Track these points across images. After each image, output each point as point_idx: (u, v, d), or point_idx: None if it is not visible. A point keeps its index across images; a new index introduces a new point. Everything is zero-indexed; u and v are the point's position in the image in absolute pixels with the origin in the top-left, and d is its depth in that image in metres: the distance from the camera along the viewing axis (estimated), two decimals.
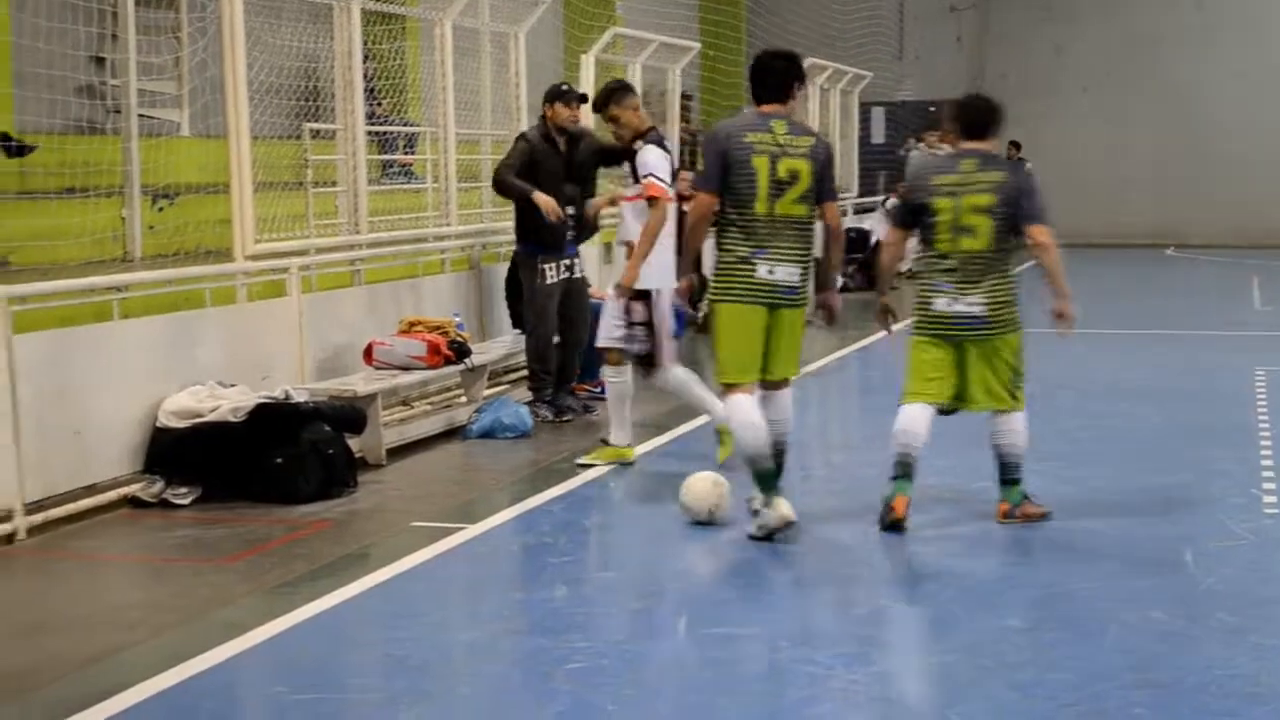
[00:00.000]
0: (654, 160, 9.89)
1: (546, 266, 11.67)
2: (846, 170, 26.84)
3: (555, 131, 11.72)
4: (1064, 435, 11.17)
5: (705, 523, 8.38)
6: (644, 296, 9.80)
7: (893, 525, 8.19)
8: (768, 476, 8.05)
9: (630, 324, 9.80)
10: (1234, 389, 13.34)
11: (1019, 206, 8.34)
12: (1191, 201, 32.80)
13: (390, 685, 6.14)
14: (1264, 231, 31.59)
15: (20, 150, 11.65)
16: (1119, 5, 33.99)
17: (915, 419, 8.41)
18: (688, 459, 10.59)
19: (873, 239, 24.04)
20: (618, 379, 10.12)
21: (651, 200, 9.82)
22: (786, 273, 8.11)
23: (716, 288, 8.17)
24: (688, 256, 8.55)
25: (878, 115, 32.24)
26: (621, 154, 12.99)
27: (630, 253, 9.88)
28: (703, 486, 8.48)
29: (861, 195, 27.26)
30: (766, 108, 8.24)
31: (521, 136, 12.06)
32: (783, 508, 8.01)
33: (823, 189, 8.27)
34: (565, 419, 11.77)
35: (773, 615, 6.94)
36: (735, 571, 7.78)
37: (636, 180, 10.01)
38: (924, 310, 8.51)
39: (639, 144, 10.10)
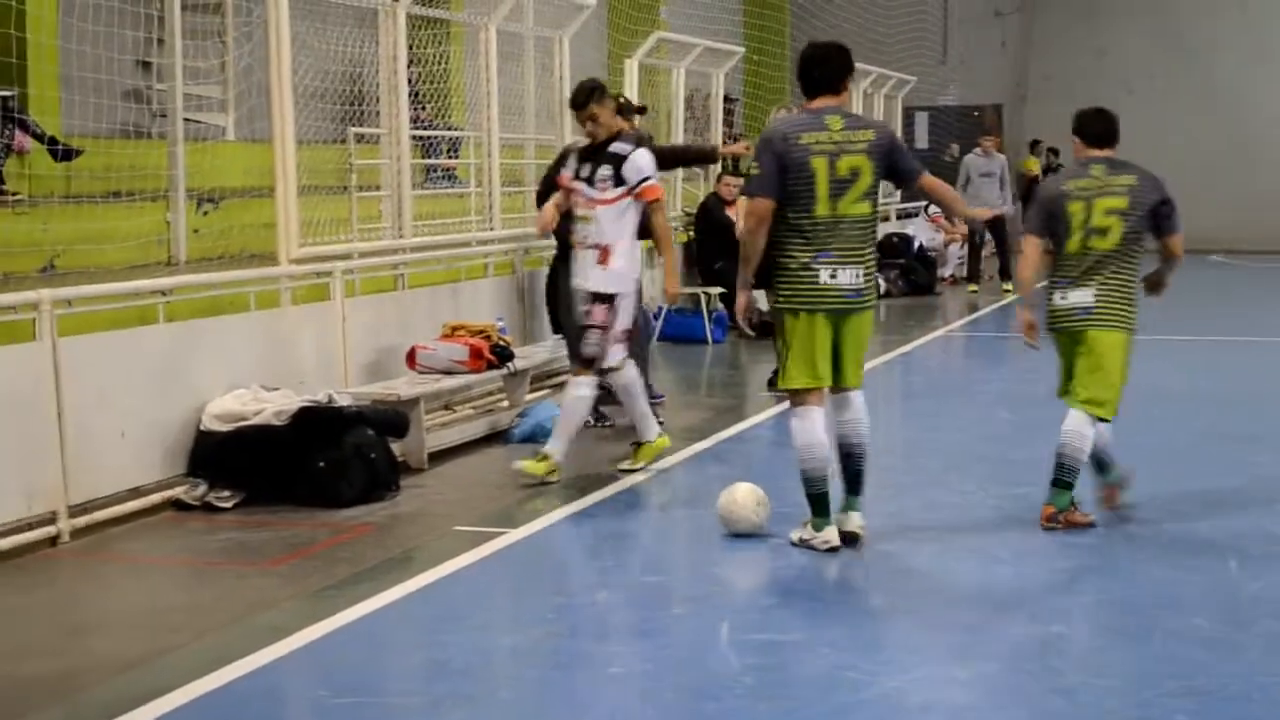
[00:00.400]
0: (647, 163, 9.90)
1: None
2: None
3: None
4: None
5: (745, 534, 8.32)
6: (608, 300, 9.79)
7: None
8: (822, 500, 7.95)
9: (587, 327, 9.77)
10: None
11: (1154, 213, 8.67)
12: (1239, 206, 32.61)
13: (432, 689, 6.17)
14: None
15: (67, 154, 11.69)
16: (1163, 8, 33.88)
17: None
18: (728, 462, 10.65)
19: (915, 244, 24.00)
20: (625, 378, 10.03)
21: (654, 203, 9.88)
22: (850, 275, 7.87)
23: (780, 295, 7.97)
24: (748, 266, 8.08)
25: (921, 120, 32.18)
26: (691, 156, 13.14)
27: (602, 257, 9.82)
28: (746, 501, 8.37)
29: (904, 201, 27.18)
30: (819, 102, 7.99)
31: (568, 150, 12.05)
32: (831, 534, 7.92)
33: (901, 173, 8.15)
34: (607, 424, 11.76)
35: (815, 621, 6.94)
36: (777, 577, 7.78)
37: (618, 183, 9.94)
38: (1050, 309, 8.65)
39: (619, 145, 10.05)
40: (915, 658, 6.44)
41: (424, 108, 14.07)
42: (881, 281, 22.38)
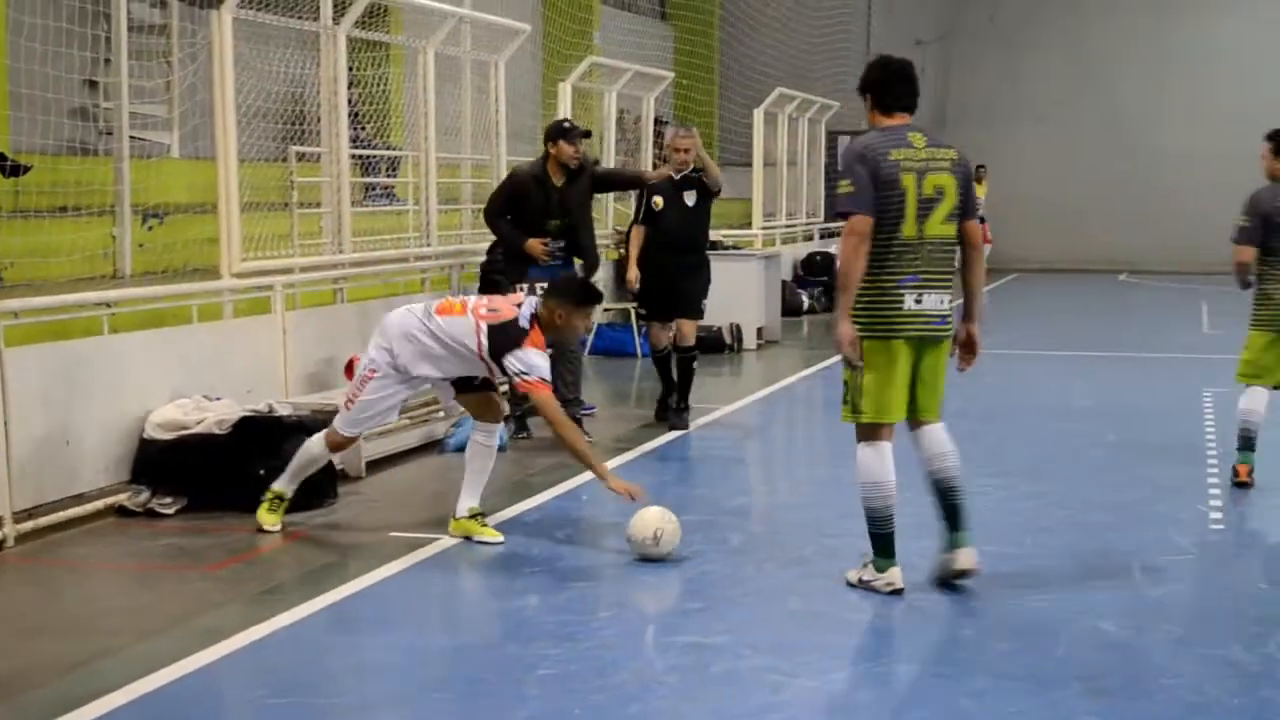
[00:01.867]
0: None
1: (520, 287, 11.84)
2: (814, 197, 27.20)
3: (555, 167, 11.88)
4: (1022, 452, 11.51)
5: (652, 557, 8.27)
6: None
7: (1239, 485, 10.02)
8: (888, 541, 7.55)
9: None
10: (1183, 409, 13.68)
11: None
12: (1144, 228, 33.23)
13: (366, 690, 6.30)
14: (1213, 258, 31.97)
15: (15, 170, 11.81)
16: (1073, 40, 34.44)
17: (1258, 398, 10.03)
18: (656, 473, 10.86)
19: (837, 263, 24.36)
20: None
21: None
22: (935, 300, 7.41)
23: (857, 322, 7.39)
24: (849, 292, 7.38)
25: (844, 144, 32.54)
26: (622, 181, 13.18)
27: None
28: (650, 515, 8.36)
29: (827, 221, 27.60)
30: (897, 119, 7.56)
31: (512, 174, 12.24)
32: (896, 575, 7.53)
33: (967, 206, 7.52)
34: (521, 435, 11.99)
35: (736, 624, 7.09)
36: (703, 582, 7.92)
37: None
38: (1265, 304, 9.74)
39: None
40: (834, 659, 6.63)
41: (364, 127, 14.20)
42: (804, 298, 22.76)
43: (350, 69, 12.56)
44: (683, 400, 12.68)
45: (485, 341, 8.46)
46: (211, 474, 9.30)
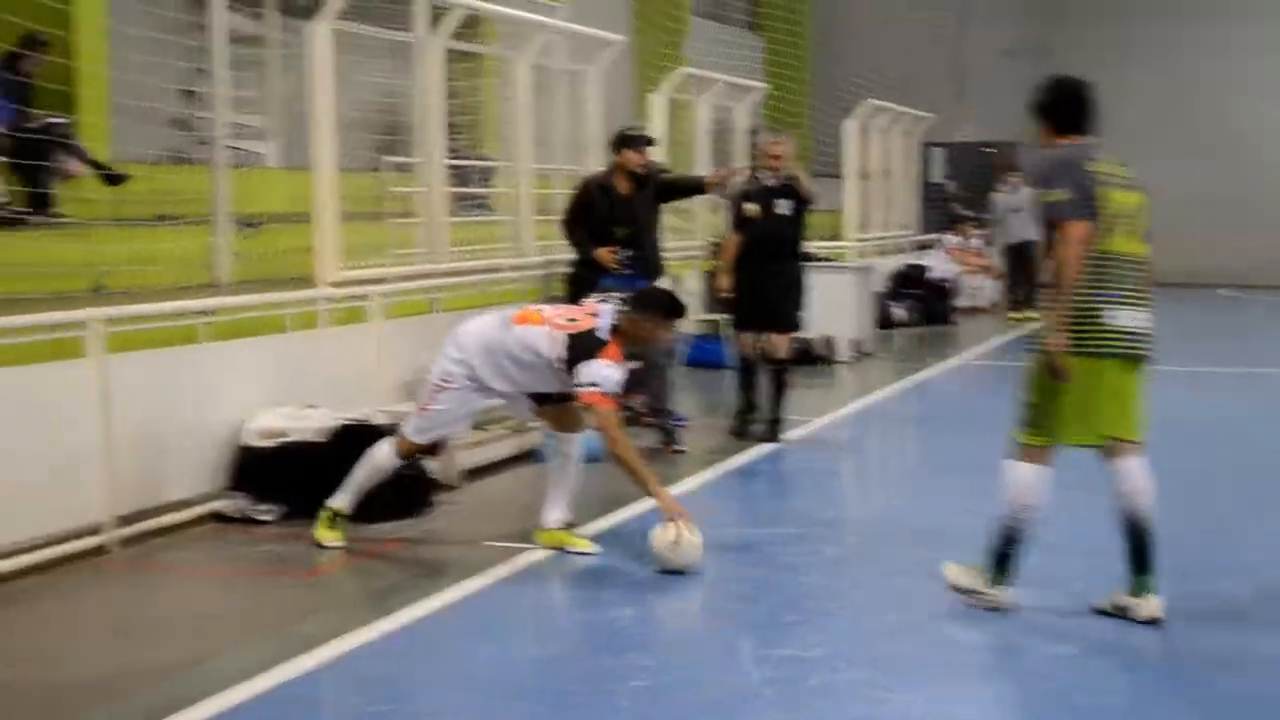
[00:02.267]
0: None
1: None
2: (907, 209, 27.12)
3: (622, 175, 11.95)
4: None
5: (670, 568, 8.26)
6: None
7: None
8: (1012, 563, 7.41)
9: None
10: None
11: None
12: (1248, 243, 32.83)
13: (459, 700, 6.31)
14: None
15: (116, 179, 11.97)
16: (1175, 48, 34.06)
17: None
18: (749, 484, 10.85)
19: (930, 275, 24.38)
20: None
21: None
22: (1144, 318, 7.22)
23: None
24: (1064, 304, 7.10)
25: (937, 155, 32.43)
26: (684, 187, 13.05)
27: None
28: (674, 526, 8.32)
29: (920, 233, 27.58)
30: (1081, 138, 7.49)
31: (583, 183, 12.30)
32: (1007, 597, 7.42)
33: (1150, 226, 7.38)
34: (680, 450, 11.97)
35: (833, 638, 7.08)
36: (799, 594, 7.92)
37: None
38: None
39: None
40: (930, 674, 6.57)
41: (458, 138, 14.26)
42: (898, 311, 22.68)
43: (446, 80, 12.56)
44: (777, 412, 12.60)
45: (563, 351, 8.42)
46: (309, 482, 9.27)
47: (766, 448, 12.18)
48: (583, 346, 8.39)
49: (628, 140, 11.92)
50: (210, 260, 11.75)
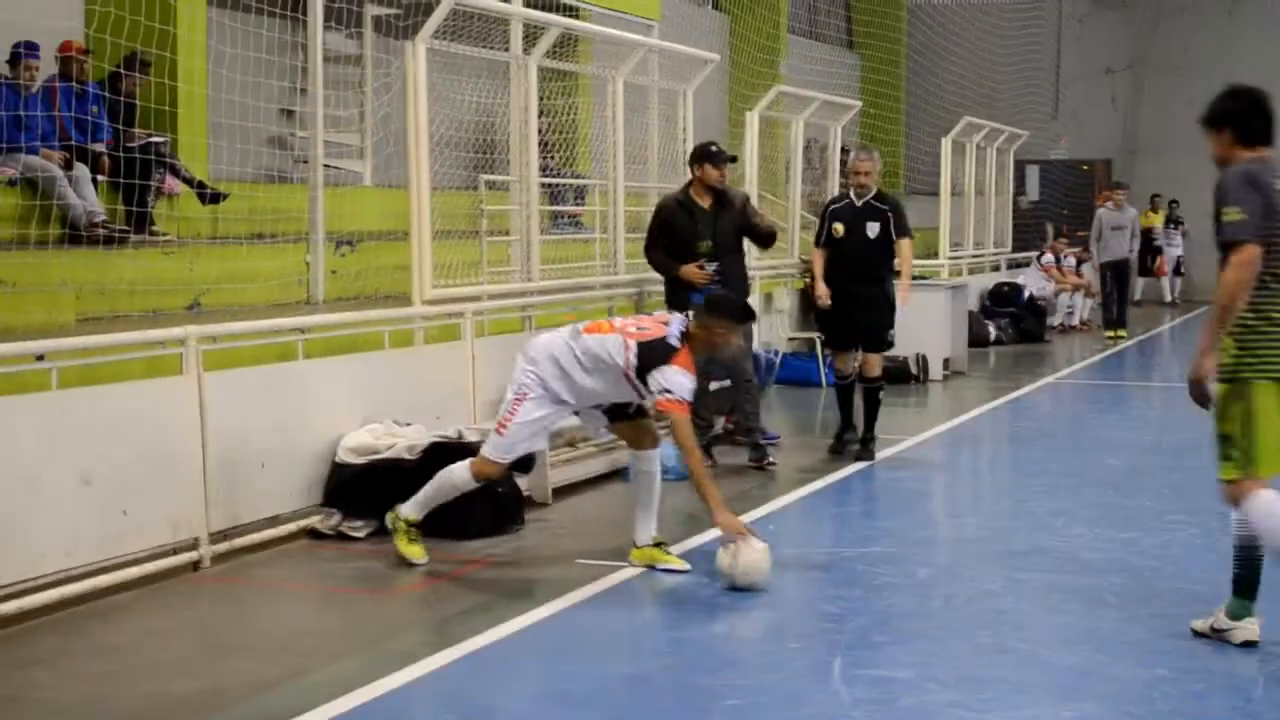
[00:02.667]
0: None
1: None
2: (1001, 226, 26.99)
3: (701, 190, 11.95)
4: (1215, 488, 11.20)
5: (734, 584, 8.30)
6: None
7: None
8: (1251, 591, 7.15)
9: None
10: None
11: None
12: None
13: (554, 717, 6.31)
14: None
15: (215, 198, 12.10)
16: (1271, 67, 33.66)
17: None
18: (841, 504, 10.83)
19: (1025, 293, 24.25)
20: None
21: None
22: None
23: (1243, 361, 6.92)
24: (1226, 324, 6.89)
25: (1032, 173, 32.28)
26: (758, 234, 12.57)
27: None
28: (724, 553, 8.36)
29: (1015, 250, 27.45)
30: (1262, 152, 7.15)
31: (658, 206, 12.31)
32: (1253, 630, 7.13)
33: None
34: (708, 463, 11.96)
35: (923, 659, 7.02)
36: (890, 614, 7.87)
37: None
38: None
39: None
40: (1021, 696, 6.52)
41: (552, 156, 14.31)
42: (991, 329, 22.56)
43: (540, 98, 12.67)
44: (869, 431, 12.61)
45: (634, 359, 8.45)
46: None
47: (859, 466, 12.15)
48: (655, 353, 8.44)
49: (709, 156, 11.93)
50: (306, 278, 11.85)
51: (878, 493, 11.69)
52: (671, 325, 8.62)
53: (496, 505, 9.56)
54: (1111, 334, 24.28)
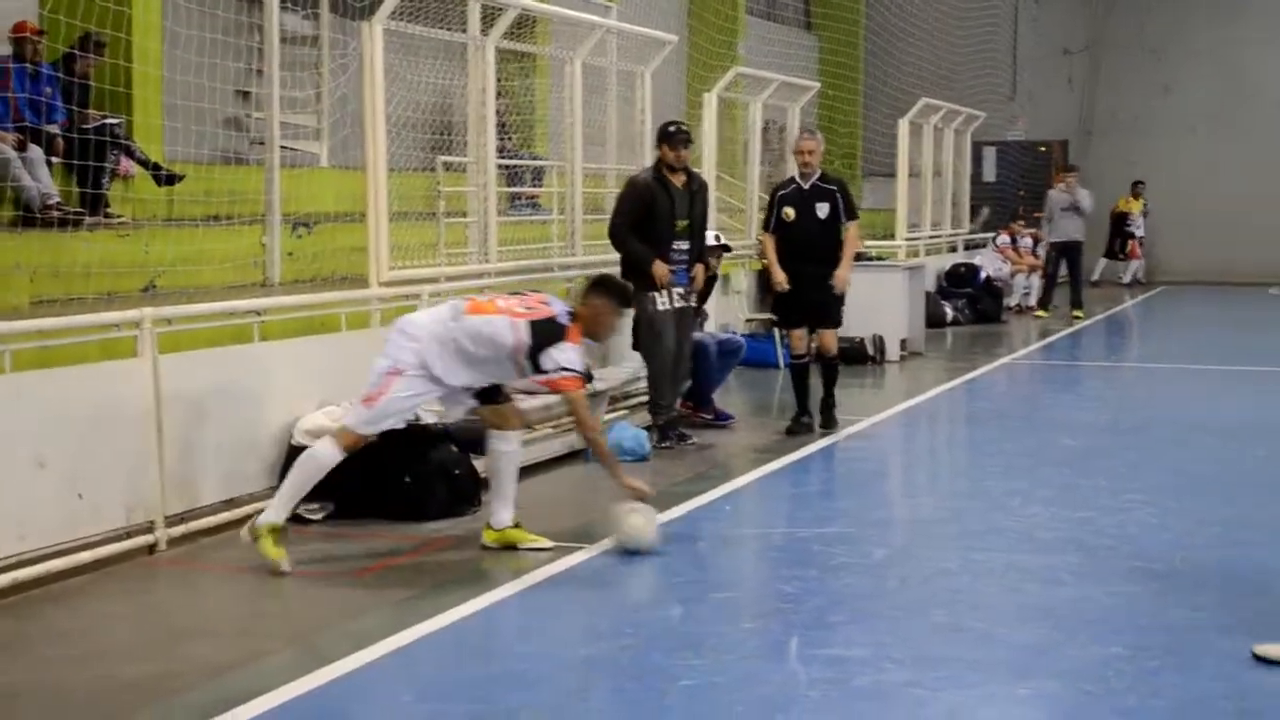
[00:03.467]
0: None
1: (656, 294, 11.94)
2: (959, 208, 27.10)
3: (667, 169, 12.01)
4: (1170, 467, 11.37)
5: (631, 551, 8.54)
6: None
7: None
8: None
9: None
10: None
11: None
12: None
13: (509, 699, 6.29)
14: None
15: (169, 179, 12.05)
16: (1225, 48, 33.89)
17: None
18: (797, 484, 10.86)
19: (982, 274, 24.37)
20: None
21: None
22: None
23: None
24: None
25: (989, 154, 32.41)
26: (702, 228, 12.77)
27: None
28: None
29: (970, 232, 27.60)
30: None
31: (631, 182, 12.27)
32: None
33: None
34: (665, 445, 12.02)
35: (879, 638, 7.05)
36: (846, 594, 7.88)
37: None
38: None
39: None
40: (977, 675, 6.54)
41: (510, 137, 14.30)
42: (948, 310, 22.66)
43: (498, 79, 12.63)
44: (829, 398, 12.91)
45: (527, 339, 8.45)
46: (358, 481, 9.29)
47: (815, 447, 12.19)
48: (547, 333, 8.48)
49: (668, 137, 11.99)
50: (263, 260, 11.81)
51: (834, 473, 11.75)
52: (554, 304, 8.68)
53: (453, 487, 9.56)
54: (1043, 313, 24.61)
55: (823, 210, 12.71)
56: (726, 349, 13.58)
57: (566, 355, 8.46)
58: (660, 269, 11.80)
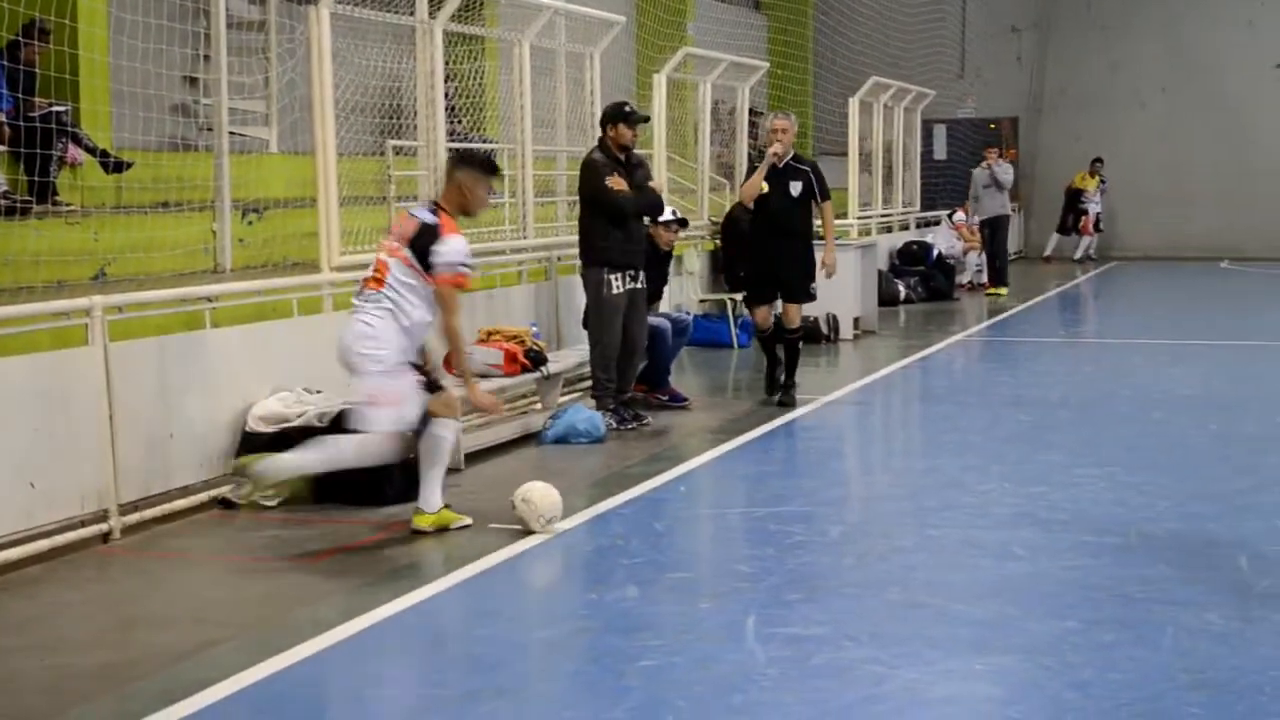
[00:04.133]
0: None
1: (613, 277, 11.94)
2: (910, 186, 27.19)
3: (617, 150, 12.01)
4: (1122, 441, 11.42)
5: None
6: None
7: None
8: None
9: None
10: None
11: None
12: (1246, 215, 32.85)
13: (467, 682, 6.30)
14: None
15: (118, 166, 11.97)
16: (1173, 23, 34.05)
17: None
18: (755, 463, 10.88)
19: (934, 252, 24.45)
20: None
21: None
22: None
23: None
24: None
25: (939, 132, 32.54)
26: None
27: None
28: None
29: (923, 210, 27.73)
30: None
31: (591, 163, 12.21)
32: None
33: None
34: (629, 427, 12.01)
35: (837, 616, 7.07)
36: (803, 573, 7.90)
37: None
38: None
39: None
40: (934, 651, 6.56)
41: (459, 121, 14.26)
42: (901, 288, 22.73)
43: (446, 63, 12.62)
44: (789, 378, 13.19)
45: (415, 260, 8.52)
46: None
47: (770, 426, 12.21)
48: (424, 236, 8.55)
49: (624, 116, 12.01)
50: (213, 246, 11.76)
51: (790, 452, 11.77)
52: (416, 213, 8.77)
53: (410, 472, 9.51)
54: (992, 291, 24.77)
55: (795, 188, 13.13)
56: (677, 329, 13.61)
57: (450, 247, 8.52)
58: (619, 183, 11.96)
